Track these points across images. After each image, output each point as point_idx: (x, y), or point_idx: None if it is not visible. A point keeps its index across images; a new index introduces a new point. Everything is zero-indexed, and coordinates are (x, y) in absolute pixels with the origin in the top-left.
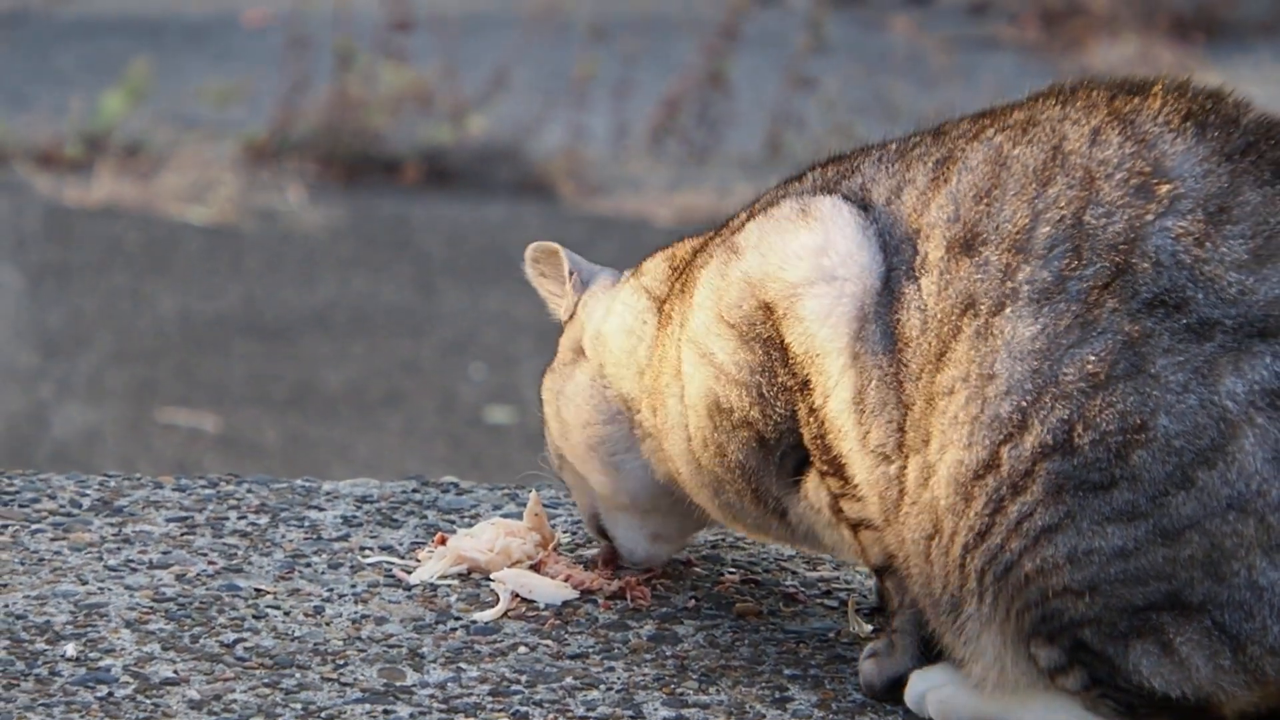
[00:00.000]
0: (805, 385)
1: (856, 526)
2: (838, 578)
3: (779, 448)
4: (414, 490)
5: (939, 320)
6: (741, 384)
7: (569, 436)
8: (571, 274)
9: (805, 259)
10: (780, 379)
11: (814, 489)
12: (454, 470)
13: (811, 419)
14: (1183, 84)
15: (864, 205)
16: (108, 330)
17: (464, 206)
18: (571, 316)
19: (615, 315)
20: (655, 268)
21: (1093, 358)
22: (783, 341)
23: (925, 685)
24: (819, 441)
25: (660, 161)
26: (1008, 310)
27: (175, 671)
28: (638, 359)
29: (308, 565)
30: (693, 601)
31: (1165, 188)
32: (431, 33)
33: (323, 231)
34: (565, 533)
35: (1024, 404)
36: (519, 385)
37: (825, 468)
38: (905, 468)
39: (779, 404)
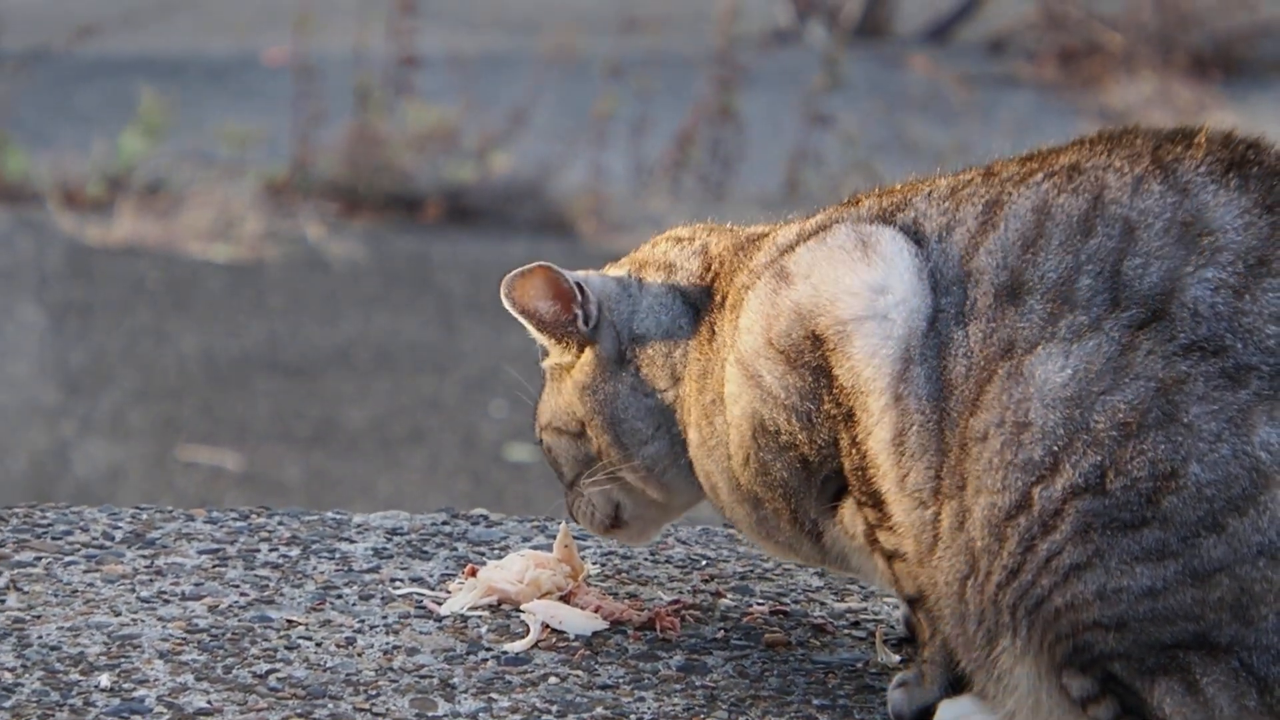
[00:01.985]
0: (850, 417)
1: (891, 557)
2: (865, 609)
3: (821, 471)
4: (444, 522)
5: (980, 366)
6: (789, 408)
7: (627, 450)
8: (578, 285)
9: (860, 296)
10: (826, 406)
11: (850, 516)
12: (475, 507)
13: (854, 451)
14: (1227, 134)
15: (917, 240)
16: (130, 368)
17: (485, 244)
18: (595, 325)
19: (649, 315)
20: (686, 263)
21: (1124, 406)
22: (830, 371)
23: (954, 714)
24: (859, 474)
25: (680, 199)
26: (1039, 351)
27: (209, 702)
28: (674, 364)
29: (339, 597)
30: (722, 632)
31: (1206, 239)
32: (450, 72)
33: (344, 269)
34: (595, 564)
35: (1055, 448)
36: None
37: (864, 499)
38: (940, 513)
39: (824, 430)
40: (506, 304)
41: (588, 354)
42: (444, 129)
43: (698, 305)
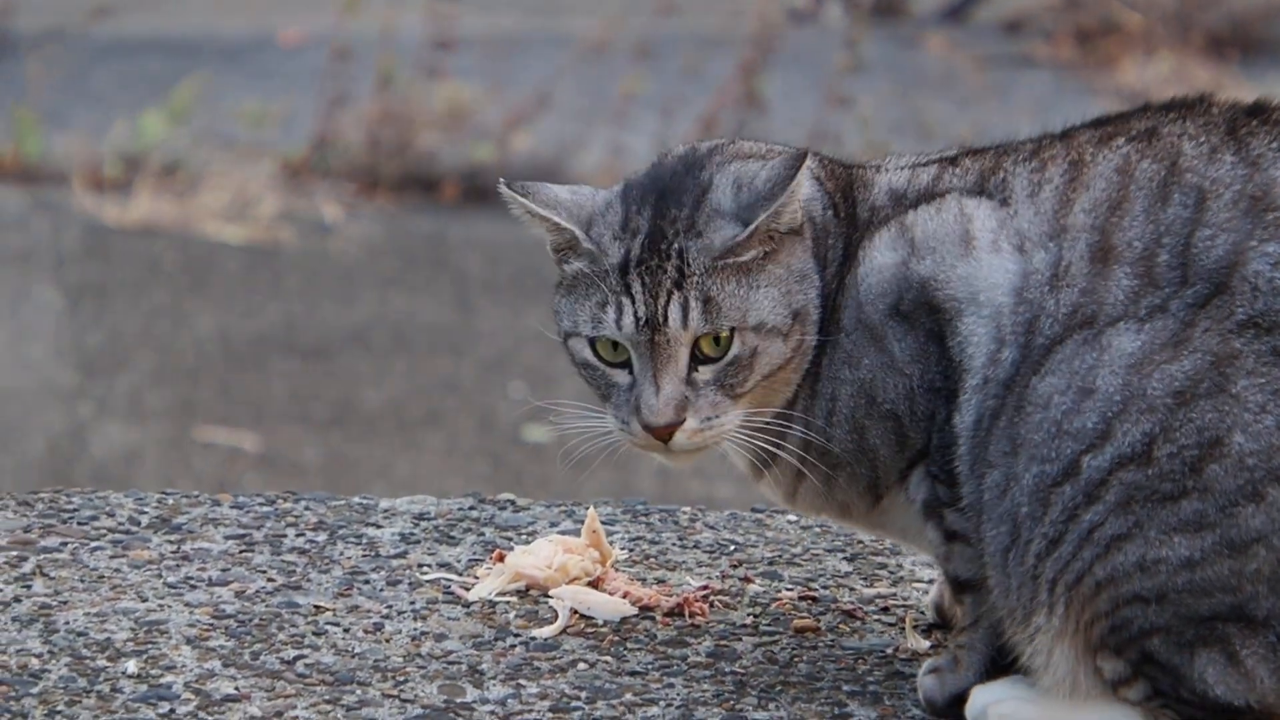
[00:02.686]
0: (952, 395)
1: (952, 537)
2: (895, 594)
3: (913, 446)
4: (471, 507)
5: (1056, 333)
6: (903, 373)
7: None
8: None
9: (965, 283)
10: (932, 374)
11: (915, 484)
12: (493, 489)
13: (947, 427)
14: None
15: (1004, 200)
16: (147, 349)
17: (503, 225)
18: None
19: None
20: (816, 199)
21: (1180, 375)
22: (943, 339)
23: (987, 699)
24: (944, 450)
25: None
26: (1121, 326)
27: (236, 688)
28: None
29: (366, 582)
30: (751, 618)
31: (1272, 214)
32: (476, 52)
33: (361, 250)
34: (623, 549)
35: (1110, 414)
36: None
37: (940, 474)
38: (983, 483)
39: (923, 402)
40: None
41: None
42: (463, 109)
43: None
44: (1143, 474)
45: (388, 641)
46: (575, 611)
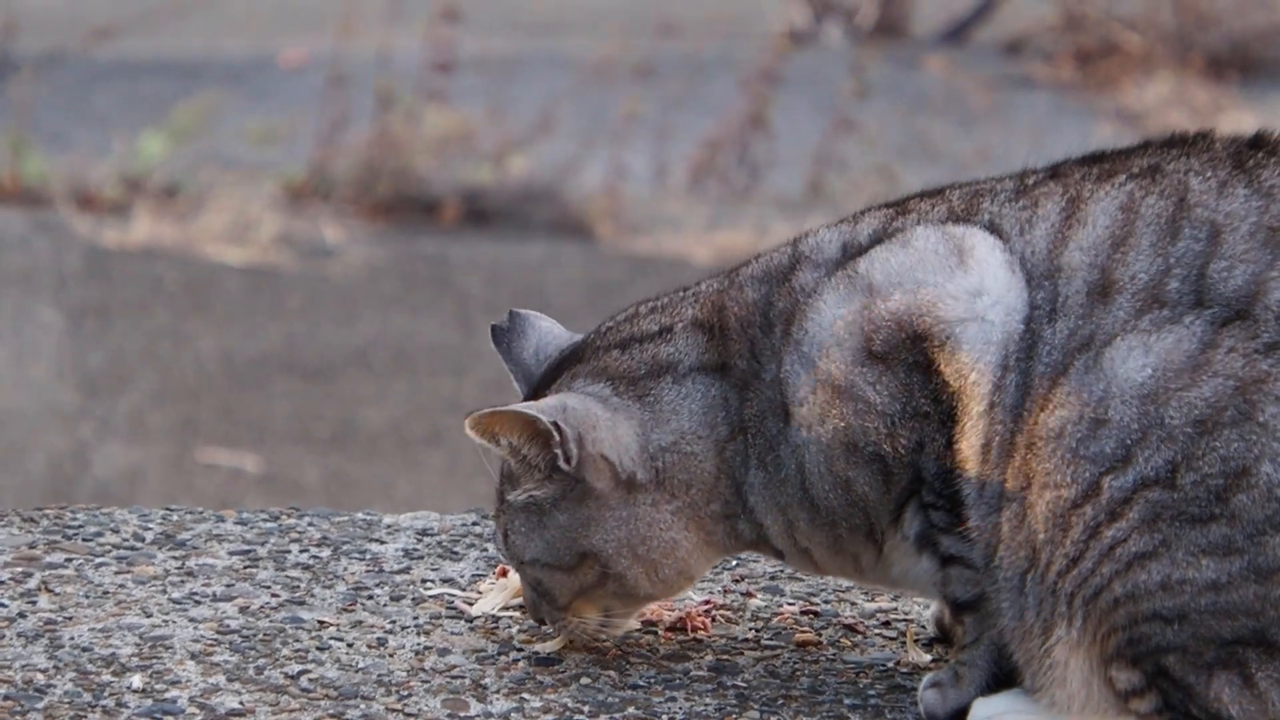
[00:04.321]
0: (949, 418)
1: (948, 560)
2: (896, 609)
3: (900, 481)
4: (474, 523)
5: (1057, 362)
6: (883, 414)
7: (659, 573)
8: (555, 424)
9: (961, 300)
10: (917, 403)
11: (910, 518)
12: None
13: (947, 453)
14: None
15: (1000, 236)
16: (148, 370)
17: (503, 246)
18: (578, 463)
19: (675, 417)
20: (689, 344)
21: (1201, 402)
22: (933, 368)
23: (989, 712)
24: (944, 476)
25: (699, 201)
26: (1118, 343)
27: (241, 703)
28: (719, 435)
29: (370, 597)
30: (753, 633)
31: None
32: (475, 74)
33: (362, 271)
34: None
35: (1129, 441)
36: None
37: (938, 501)
38: (1001, 518)
39: (906, 433)
40: (472, 435)
41: (580, 489)
42: (462, 131)
43: (720, 365)
44: (1169, 495)
45: (391, 656)
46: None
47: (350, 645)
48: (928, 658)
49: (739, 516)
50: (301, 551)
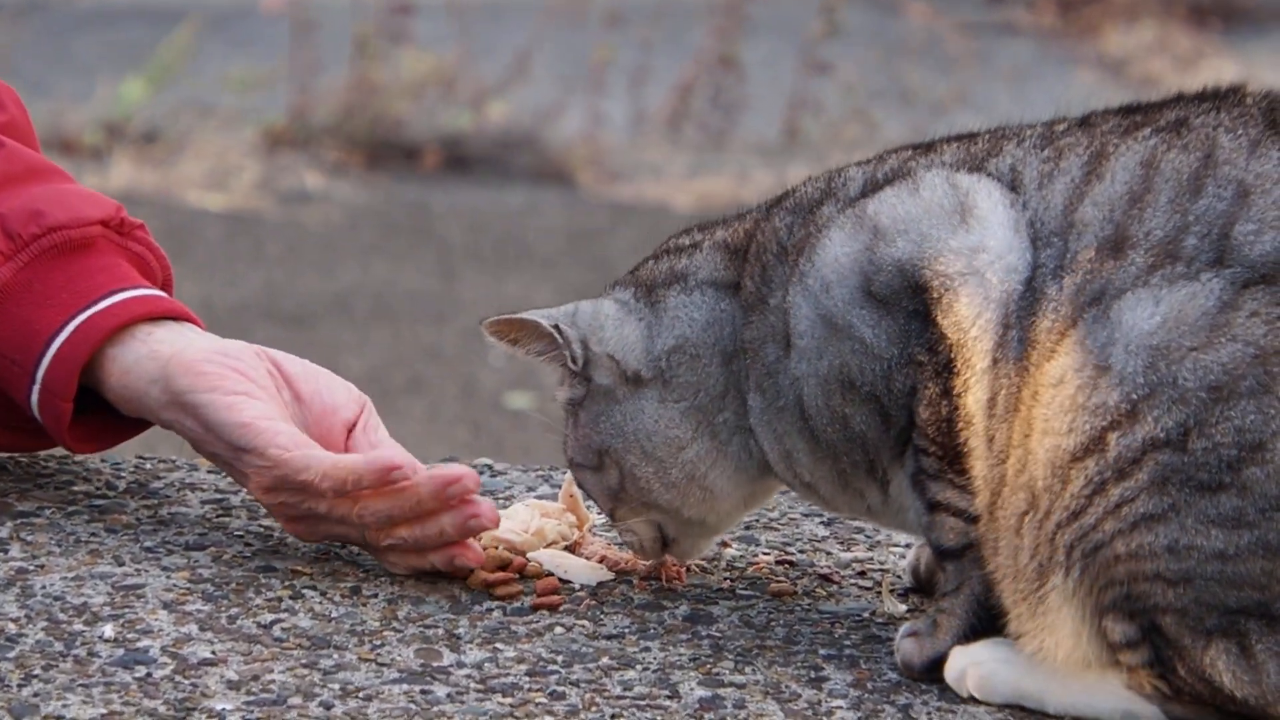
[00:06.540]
0: (947, 368)
1: (934, 506)
2: (871, 559)
3: (898, 423)
4: None
5: (1066, 317)
6: (879, 357)
7: (667, 474)
8: (556, 328)
9: (962, 255)
10: (913, 351)
11: (909, 459)
12: (475, 455)
13: (944, 402)
14: None
15: (1013, 187)
16: None
17: (484, 193)
18: (586, 362)
19: (677, 324)
20: (708, 260)
21: (1217, 367)
22: (930, 318)
23: (967, 661)
24: (943, 424)
25: (679, 148)
26: (1128, 296)
27: (213, 652)
28: (724, 347)
29: (343, 547)
30: (727, 582)
31: None
32: (450, 19)
33: (343, 217)
34: (600, 514)
35: (1135, 396)
36: (539, 371)
37: (929, 447)
38: (1008, 464)
39: (903, 378)
40: (492, 341)
41: (593, 388)
42: (440, 77)
43: (733, 283)
44: (1179, 459)
45: (364, 605)
46: (552, 575)
47: (323, 594)
48: (903, 608)
49: (750, 432)
50: None
